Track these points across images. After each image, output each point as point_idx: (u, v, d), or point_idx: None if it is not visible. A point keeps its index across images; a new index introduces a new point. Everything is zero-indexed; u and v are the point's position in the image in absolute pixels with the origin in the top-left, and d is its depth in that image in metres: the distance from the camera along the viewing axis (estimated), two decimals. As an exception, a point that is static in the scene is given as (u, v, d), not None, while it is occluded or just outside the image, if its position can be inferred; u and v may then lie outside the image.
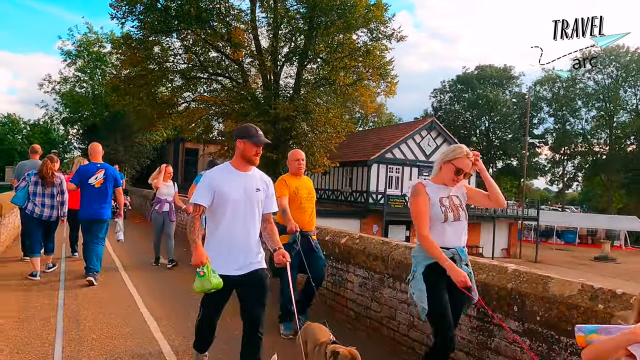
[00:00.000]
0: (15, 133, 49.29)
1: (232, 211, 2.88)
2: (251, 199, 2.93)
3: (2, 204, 7.58)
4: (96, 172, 6.15)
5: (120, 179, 7.26)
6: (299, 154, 4.49)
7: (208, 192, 2.85)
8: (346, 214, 26.02)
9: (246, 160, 2.94)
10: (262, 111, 20.59)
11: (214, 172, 2.98)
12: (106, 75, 32.36)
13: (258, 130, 2.96)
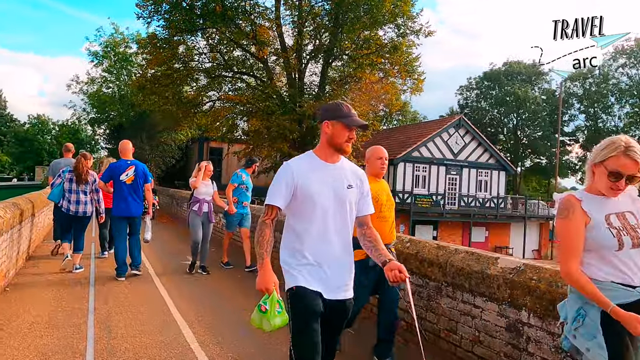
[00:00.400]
0: (45, 133, 50.43)
1: (318, 214, 2.22)
2: (341, 199, 2.26)
3: (34, 203, 7.62)
4: (127, 169, 6.24)
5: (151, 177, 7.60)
6: (381, 151, 3.67)
7: (286, 188, 2.21)
8: (372, 213, 25.59)
9: (335, 148, 2.29)
10: (288, 109, 20.33)
11: (293, 163, 2.30)
12: (132, 75, 32.67)
13: (351, 110, 2.33)
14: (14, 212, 5.49)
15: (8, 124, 68.18)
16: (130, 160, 6.38)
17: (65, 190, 6.32)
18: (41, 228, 8.96)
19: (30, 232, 7.36)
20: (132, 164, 6.32)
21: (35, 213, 7.81)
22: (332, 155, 2.33)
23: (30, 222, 7.19)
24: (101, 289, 5.60)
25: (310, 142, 21.76)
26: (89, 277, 6.25)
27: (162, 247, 9.07)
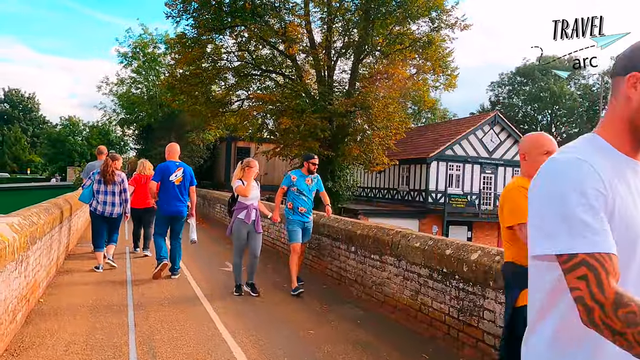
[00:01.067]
0: (76, 135, 51.35)
1: None
2: None
3: (71, 204, 7.71)
4: (176, 170, 6.36)
5: None
6: (549, 142, 2.54)
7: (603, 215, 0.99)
8: (404, 214, 24.89)
9: None
10: (319, 107, 19.81)
11: (589, 158, 1.02)
12: (160, 75, 32.76)
13: None
14: (49, 217, 5.13)
15: (41, 126, 70.05)
16: (178, 161, 6.49)
17: (94, 191, 6.55)
18: (74, 231, 8.69)
19: (68, 235, 7.06)
20: (180, 165, 6.44)
21: (71, 215, 7.66)
22: None
23: (66, 224, 6.88)
24: (140, 300, 5.19)
25: (342, 140, 21.23)
26: (127, 287, 5.85)
27: (201, 252, 8.68)
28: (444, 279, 3.81)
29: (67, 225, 7.07)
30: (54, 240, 5.63)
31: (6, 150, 65.83)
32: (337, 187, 21.80)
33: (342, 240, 5.78)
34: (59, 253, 6.26)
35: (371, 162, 19.96)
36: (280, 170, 34.77)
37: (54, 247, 5.67)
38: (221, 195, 13.81)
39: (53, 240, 5.57)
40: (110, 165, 6.58)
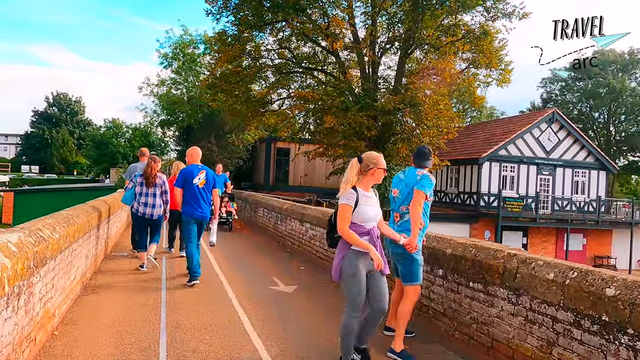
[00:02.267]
0: (119, 137, 52.23)
1: None
2: None
3: (110, 205, 7.72)
4: (199, 173, 6.34)
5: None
6: None
7: None
8: (454, 218, 23.37)
9: None
10: (364, 105, 18.66)
11: None
12: (199, 76, 32.54)
13: None
14: (70, 229, 4.25)
15: (86, 129, 72.10)
16: (200, 165, 6.49)
17: (136, 193, 6.70)
18: (109, 239, 7.92)
19: (96, 246, 6.24)
20: (202, 168, 6.43)
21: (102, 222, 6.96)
22: None
23: (95, 232, 6.07)
24: (173, 318, 4.22)
25: (388, 139, 20.00)
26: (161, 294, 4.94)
27: (242, 262, 7.73)
28: (605, 331, 2.61)
29: (96, 234, 6.26)
30: (76, 255, 4.76)
31: (54, 153, 68.11)
32: (382, 188, 20.57)
33: (422, 258, 4.64)
34: (84, 268, 5.41)
35: (420, 163, 18.59)
36: (321, 172, 33.76)
37: (76, 264, 4.81)
38: (264, 197, 12.90)
39: (76, 255, 4.70)
40: (154, 168, 6.71)
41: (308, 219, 7.91)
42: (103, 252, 7.22)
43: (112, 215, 8.04)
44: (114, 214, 8.36)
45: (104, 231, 7.05)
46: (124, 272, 6.50)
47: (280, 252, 8.99)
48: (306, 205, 8.80)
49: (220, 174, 11.59)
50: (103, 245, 7.14)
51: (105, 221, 7.09)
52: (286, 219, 9.49)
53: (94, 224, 5.97)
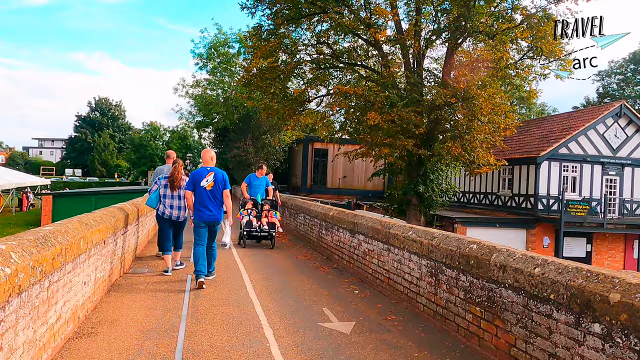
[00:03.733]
0: (157, 139, 52.49)
1: None
2: None
3: (139, 208, 7.73)
4: (207, 175, 6.30)
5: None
6: None
7: None
8: (507, 223, 21.39)
9: None
10: (411, 100, 17.10)
11: None
12: (234, 76, 31.82)
13: None
14: (56, 248, 3.04)
15: (127, 132, 73.39)
16: (210, 167, 6.44)
17: (161, 195, 6.75)
18: (127, 250, 6.80)
19: (110, 260, 5.07)
20: (211, 170, 6.38)
21: (140, 217, 7.02)
22: None
23: (112, 242, 4.89)
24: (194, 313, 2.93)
25: (436, 137, 18.36)
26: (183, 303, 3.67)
27: (280, 283, 6.41)
28: None
29: (113, 244, 5.10)
30: (62, 286, 3.52)
31: (96, 156, 69.56)
32: (429, 191, 18.93)
33: (550, 301, 3.13)
34: (81, 298, 4.19)
35: (474, 163, 16.87)
36: (361, 173, 32.30)
37: (75, 289, 3.60)
38: (305, 202, 11.54)
39: (60, 287, 3.46)
40: (179, 171, 6.74)
41: (362, 229, 6.54)
42: (119, 270, 6.08)
43: (131, 224, 6.91)
44: (134, 223, 7.23)
45: (118, 245, 5.90)
46: (143, 291, 5.33)
47: (326, 268, 7.63)
48: (357, 212, 7.38)
49: (261, 176, 10.33)
50: (118, 261, 5.98)
51: (121, 233, 5.94)
52: (332, 228, 8.14)
53: (109, 233, 4.80)
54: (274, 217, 9.79)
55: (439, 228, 22.28)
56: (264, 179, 10.41)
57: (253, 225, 9.45)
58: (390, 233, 5.45)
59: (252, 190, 10.12)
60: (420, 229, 4.94)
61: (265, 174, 10.64)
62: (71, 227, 3.75)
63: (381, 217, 21.05)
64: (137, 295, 5.30)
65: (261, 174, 10.43)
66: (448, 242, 4.39)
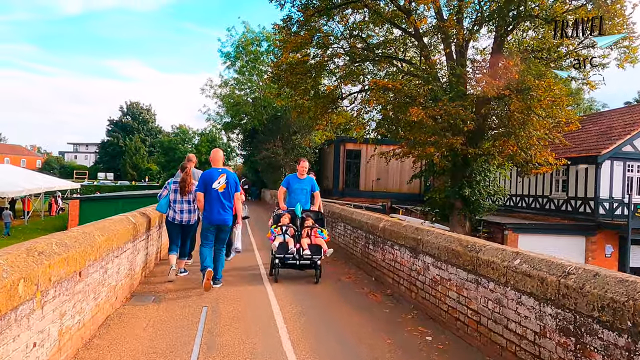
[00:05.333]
0: (186, 142, 52.02)
1: None
2: None
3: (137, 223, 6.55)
4: (219, 177, 6.12)
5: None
6: None
7: None
8: (564, 229, 19.29)
9: None
10: (458, 93, 15.35)
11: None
12: (263, 75, 30.67)
13: None
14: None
15: (157, 136, 73.67)
16: (222, 168, 6.30)
17: (170, 200, 6.63)
18: (130, 273, 5.43)
19: (101, 285, 3.65)
20: (223, 172, 6.22)
21: None
22: None
23: (115, 260, 3.49)
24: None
25: (485, 135, 16.52)
26: None
27: (317, 314, 4.88)
28: None
29: (116, 263, 3.69)
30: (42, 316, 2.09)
31: (127, 160, 69.99)
32: (475, 194, 17.06)
33: None
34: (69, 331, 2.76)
35: (531, 163, 14.97)
36: (395, 175, 30.52)
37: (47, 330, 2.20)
38: (344, 209, 9.88)
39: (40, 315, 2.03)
40: (190, 176, 6.65)
41: (429, 249, 4.90)
42: (121, 297, 4.69)
43: (138, 239, 5.55)
44: (140, 238, 5.86)
45: (112, 271, 4.50)
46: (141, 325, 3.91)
47: (378, 295, 5.99)
48: (421, 226, 5.70)
49: (303, 177, 7.58)
50: (114, 291, 4.58)
51: (112, 254, 4.53)
52: (384, 244, 6.51)
53: (101, 253, 3.40)
54: (319, 236, 6.88)
55: (485, 235, 20.31)
56: (309, 181, 7.68)
57: (289, 249, 6.61)
58: (479, 259, 3.81)
59: (290, 197, 7.57)
60: (535, 257, 3.31)
61: (307, 171, 7.73)
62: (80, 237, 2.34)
63: (422, 222, 19.30)
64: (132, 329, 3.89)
65: (303, 172, 7.58)
66: (603, 284, 2.77)
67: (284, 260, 6.62)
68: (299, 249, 6.66)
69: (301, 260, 6.62)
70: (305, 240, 6.79)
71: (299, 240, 6.80)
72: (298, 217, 7.12)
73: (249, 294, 5.94)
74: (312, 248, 6.70)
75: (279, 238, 6.80)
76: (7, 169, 32.35)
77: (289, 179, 7.76)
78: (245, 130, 33.29)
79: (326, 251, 6.78)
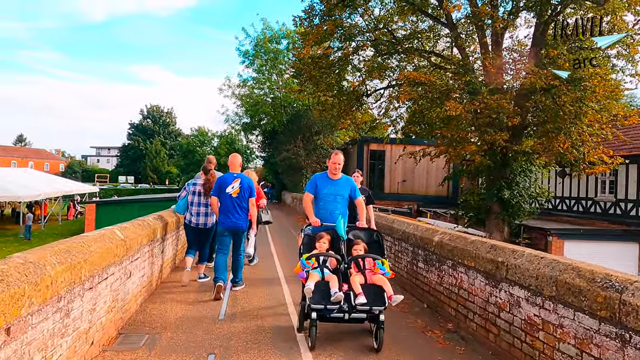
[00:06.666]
0: (205, 145, 51.30)
1: None
2: None
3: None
4: (233, 182, 6.04)
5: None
6: None
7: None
8: (613, 235, 17.48)
9: None
10: (499, 84, 13.87)
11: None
12: (283, 74, 29.53)
13: None
14: None
15: (178, 139, 73.38)
16: (237, 173, 6.19)
17: (188, 202, 6.58)
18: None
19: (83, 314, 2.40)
20: (237, 176, 6.11)
21: None
22: None
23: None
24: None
25: (527, 130, 14.97)
26: None
27: None
28: None
29: (89, 297, 2.45)
30: None
31: (147, 163, 69.85)
32: (515, 197, 15.47)
33: None
34: None
35: (584, 160, 13.37)
36: (422, 177, 28.94)
37: None
38: (379, 215, 8.49)
39: None
40: (215, 178, 6.45)
41: (520, 278, 3.48)
42: (102, 340, 3.45)
43: (130, 258, 4.31)
44: (133, 257, 4.62)
45: (83, 309, 3.26)
46: None
47: (437, 331, 4.61)
48: (497, 242, 4.22)
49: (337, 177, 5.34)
50: (87, 335, 3.34)
51: (81, 287, 3.30)
52: (441, 262, 5.06)
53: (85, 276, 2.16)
54: (380, 272, 4.41)
55: (527, 241, 18.64)
56: (346, 183, 5.38)
57: (333, 295, 4.14)
58: (628, 304, 2.42)
59: (319, 207, 5.25)
60: None
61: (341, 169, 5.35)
62: None
63: (454, 227, 17.75)
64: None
65: (337, 169, 5.26)
66: None
67: (326, 313, 4.18)
68: (348, 294, 4.20)
69: (352, 312, 4.16)
70: (358, 278, 4.32)
71: (346, 279, 4.35)
72: (342, 240, 4.62)
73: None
74: (369, 292, 4.19)
75: (314, 275, 4.32)
76: (24, 173, 31.94)
77: (316, 179, 5.39)
78: (264, 131, 32.23)
79: (392, 297, 4.18)
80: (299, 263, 4.51)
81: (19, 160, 67.64)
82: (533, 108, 14.43)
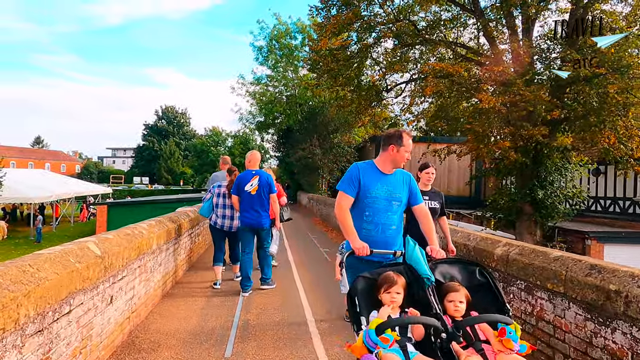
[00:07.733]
0: (219, 145, 50.65)
1: None
2: None
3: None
4: (252, 179, 6.03)
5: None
6: None
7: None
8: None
9: None
10: (534, 75, 12.68)
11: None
12: (298, 71, 28.57)
13: None
14: None
15: (192, 140, 73.05)
16: (255, 170, 6.17)
17: (214, 205, 6.50)
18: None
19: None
20: (256, 174, 6.09)
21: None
22: None
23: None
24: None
25: (572, 121, 13.74)
26: None
27: None
28: None
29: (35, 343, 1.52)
30: None
31: (162, 164, 69.58)
32: (550, 197, 14.24)
33: None
34: None
35: (633, 158, 12.11)
36: (443, 175, 27.74)
37: None
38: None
39: None
40: None
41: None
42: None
43: (114, 278, 3.35)
44: (119, 275, 3.65)
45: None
46: None
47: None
48: (599, 261, 3.23)
49: (390, 171, 3.17)
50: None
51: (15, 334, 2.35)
52: (508, 283, 3.84)
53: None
54: (513, 345, 2.30)
55: (562, 245, 17.36)
56: (404, 180, 3.23)
57: None
58: None
59: (366, 217, 3.12)
60: None
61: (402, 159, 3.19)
62: None
63: (482, 230, 16.56)
64: None
65: (399, 159, 3.16)
66: None
67: None
68: None
69: None
70: None
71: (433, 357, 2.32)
72: (428, 284, 2.62)
73: None
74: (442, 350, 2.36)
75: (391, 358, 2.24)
76: (37, 174, 31.53)
77: (358, 171, 3.18)
78: (279, 130, 31.34)
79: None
80: (359, 337, 2.39)
81: (35, 162, 67.93)
82: (571, 100, 13.21)
